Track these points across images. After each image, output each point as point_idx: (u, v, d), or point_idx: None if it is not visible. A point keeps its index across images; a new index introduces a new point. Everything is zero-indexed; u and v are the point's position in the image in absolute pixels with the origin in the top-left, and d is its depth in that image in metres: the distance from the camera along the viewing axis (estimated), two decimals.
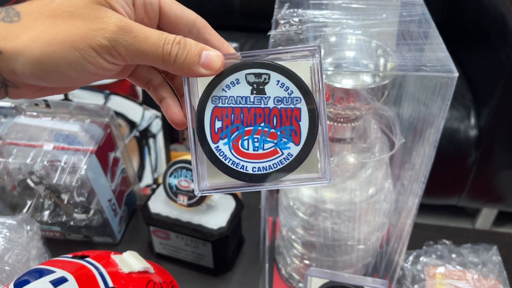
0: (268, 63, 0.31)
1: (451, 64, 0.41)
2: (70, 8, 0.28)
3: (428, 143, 0.49)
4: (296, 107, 0.31)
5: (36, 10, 0.29)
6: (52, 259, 0.49)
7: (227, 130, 0.32)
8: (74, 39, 0.28)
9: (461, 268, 0.63)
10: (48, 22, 0.28)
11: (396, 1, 0.51)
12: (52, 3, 0.29)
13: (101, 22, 0.28)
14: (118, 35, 0.28)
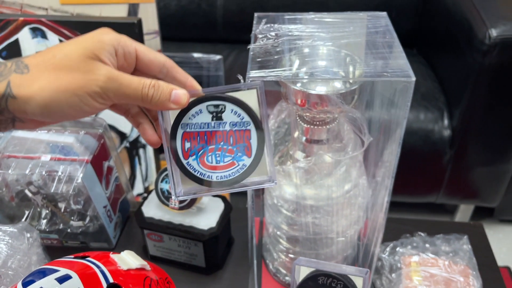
0: (224, 97, 0.40)
1: (409, 70, 0.46)
2: (69, 63, 0.36)
3: (395, 142, 0.54)
4: (246, 128, 0.40)
5: (41, 63, 0.36)
6: (55, 260, 0.53)
7: (195, 149, 0.41)
8: (74, 88, 0.36)
9: (433, 256, 0.68)
10: (53, 74, 0.36)
11: (363, 15, 0.56)
12: (54, 58, 0.36)
13: (94, 74, 0.36)
14: (107, 84, 0.36)
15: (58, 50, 0.37)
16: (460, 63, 1.15)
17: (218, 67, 0.90)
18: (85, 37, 0.38)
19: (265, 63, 0.48)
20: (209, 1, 1.50)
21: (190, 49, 1.50)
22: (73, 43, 0.37)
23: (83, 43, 0.37)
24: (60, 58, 0.36)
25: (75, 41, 0.38)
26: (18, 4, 0.90)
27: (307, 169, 0.55)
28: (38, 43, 0.82)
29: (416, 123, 1.20)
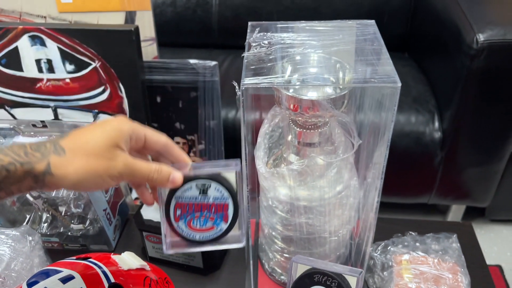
0: (210, 176, 0.50)
1: (396, 76, 0.49)
2: (97, 150, 0.45)
3: (384, 144, 0.57)
4: (225, 202, 0.51)
5: (75, 148, 0.44)
6: (58, 262, 0.55)
7: (183, 216, 0.52)
8: (100, 171, 0.45)
9: (423, 254, 0.71)
10: (84, 159, 0.44)
11: (352, 23, 0.59)
12: (86, 144, 0.45)
13: (114, 161, 0.45)
14: (124, 170, 0.46)
15: (89, 136, 0.46)
16: (450, 66, 1.18)
17: (213, 73, 0.92)
18: (109, 125, 0.47)
19: (259, 70, 0.51)
20: (205, 8, 1.52)
21: (186, 54, 1.53)
22: (99, 131, 0.46)
23: (108, 132, 0.46)
24: (91, 146, 0.45)
25: (102, 129, 0.46)
26: (17, 12, 0.92)
27: (300, 171, 0.57)
28: (37, 51, 0.84)
29: (407, 125, 1.23)
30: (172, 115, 0.95)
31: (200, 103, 0.93)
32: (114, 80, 0.85)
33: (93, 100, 0.89)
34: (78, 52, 0.83)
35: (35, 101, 0.90)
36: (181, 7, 1.53)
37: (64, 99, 0.89)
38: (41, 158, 0.42)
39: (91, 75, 0.85)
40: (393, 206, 1.40)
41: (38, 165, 0.42)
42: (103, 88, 0.87)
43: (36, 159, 0.42)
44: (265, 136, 0.62)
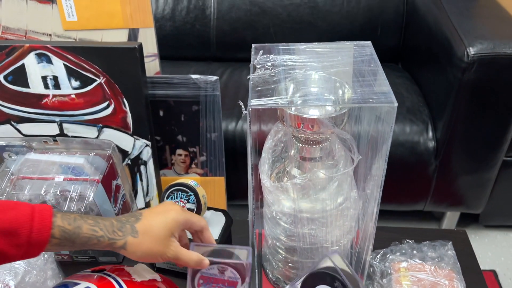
0: (227, 264, 0.63)
1: (392, 96, 0.52)
2: (158, 238, 0.58)
3: (382, 158, 0.60)
4: (237, 280, 0.64)
5: (145, 233, 0.57)
6: (74, 275, 0.57)
7: (203, 284, 0.65)
8: (157, 254, 0.58)
9: (420, 261, 0.74)
10: (149, 243, 0.57)
11: (350, 44, 0.62)
12: (152, 232, 0.58)
13: (168, 247, 0.59)
14: (173, 255, 0.59)
15: (154, 223, 0.59)
16: (442, 78, 1.22)
17: (215, 87, 0.94)
18: (170, 216, 0.60)
19: (264, 92, 0.54)
20: (203, 22, 1.56)
21: (185, 67, 1.56)
22: (163, 220, 0.59)
23: (168, 223, 0.59)
24: (156, 234, 0.58)
25: (165, 218, 0.59)
26: (23, 30, 0.94)
27: (303, 184, 0.60)
28: (43, 68, 0.86)
29: (402, 135, 1.26)
30: (175, 128, 0.97)
31: (201, 116, 0.95)
32: (118, 95, 0.87)
33: (98, 114, 0.90)
34: (84, 68, 0.85)
35: (41, 116, 0.92)
36: (180, 21, 1.56)
37: (69, 114, 0.90)
38: (122, 237, 0.56)
39: (96, 90, 0.87)
40: (389, 214, 1.43)
41: (119, 241, 0.56)
42: (107, 103, 0.89)
43: (119, 237, 0.56)
44: (269, 151, 0.65)
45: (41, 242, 0.50)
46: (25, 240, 0.49)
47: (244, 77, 1.49)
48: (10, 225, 0.49)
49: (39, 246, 0.51)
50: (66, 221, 0.53)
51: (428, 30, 1.34)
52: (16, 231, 0.49)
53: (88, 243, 0.54)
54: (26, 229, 0.49)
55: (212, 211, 0.78)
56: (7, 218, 0.49)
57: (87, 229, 0.54)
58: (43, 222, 0.50)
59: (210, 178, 1.02)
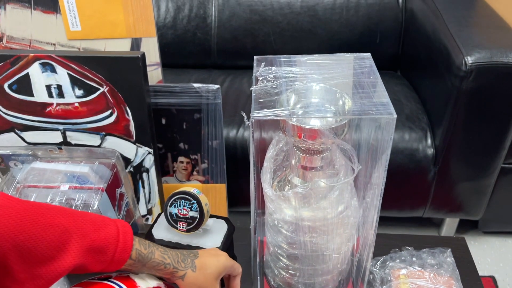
0: None
1: (391, 108, 0.54)
2: (210, 276, 0.63)
3: (381, 167, 0.61)
4: None
5: (202, 269, 0.63)
6: (81, 282, 0.58)
7: None
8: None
9: (420, 268, 0.75)
10: (203, 279, 0.63)
11: (350, 56, 0.64)
12: (206, 270, 0.63)
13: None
14: None
15: (209, 264, 0.64)
16: (441, 86, 1.24)
17: (216, 95, 0.95)
18: (221, 261, 0.65)
19: (266, 103, 0.55)
20: (204, 30, 1.57)
21: (186, 75, 1.58)
22: (215, 263, 0.65)
23: (218, 267, 0.65)
24: (208, 272, 0.64)
25: (217, 261, 0.65)
26: (27, 40, 0.96)
27: (305, 193, 0.61)
28: (47, 77, 0.88)
29: (401, 142, 1.28)
30: (177, 135, 0.98)
31: (203, 124, 0.96)
32: (121, 103, 0.89)
33: (101, 123, 0.92)
34: (87, 77, 0.86)
35: (45, 124, 0.93)
36: (181, 29, 1.58)
37: (73, 122, 0.92)
38: (184, 268, 0.62)
39: (99, 99, 0.88)
40: (389, 220, 1.44)
41: (181, 271, 0.62)
42: (110, 112, 0.90)
43: (182, 268, 0.62)
44: (271, 160, 0.66)
45: (121, 261, 0.56)
46: (110, 258, 0.54)
47: (245, 84, 1.51)
48: (100, 245, 0.53)
49: (118, 264, 0.56)
50: (142, 246, 0.59)
51: (426, 39, 1.36)
52: (104, 249, 0.54)
53: (156, 268, 0.60)
54: (113, 248, 0.54)
55: (214, 218, 0.80)
56: (98, 237, 0.53)
57: (158, 255, 0.60)
58: (126, 243, 0.56)
59: (211, 185, 1.03)
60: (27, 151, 0.75)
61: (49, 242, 0.49)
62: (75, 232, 0.51)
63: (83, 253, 0.51)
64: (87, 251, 0.52)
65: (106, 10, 0.89)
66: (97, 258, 0.53)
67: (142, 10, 0.90)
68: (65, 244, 0.50)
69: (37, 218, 0.49)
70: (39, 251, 0.48)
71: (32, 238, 0.48)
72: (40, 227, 0.49)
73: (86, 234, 0.52)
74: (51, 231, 0.50)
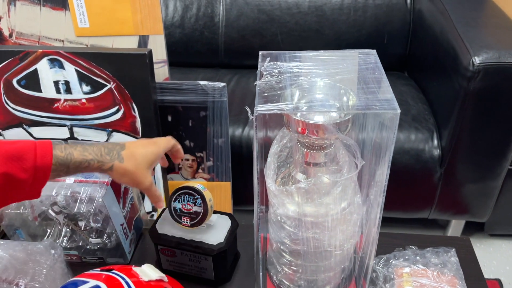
0: None
1: (395, 103, 0.54)
2: (140, 166, 0.66)
3: (385, 164, 0.61)
4: None
5: (129, 159, 0.65)
6: (83, 273, 0.59)
7: None
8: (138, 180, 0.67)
9: (423, 267, 0.75)
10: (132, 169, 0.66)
11: (355, 52, 0.64)
12: (136, 160, 0.66)
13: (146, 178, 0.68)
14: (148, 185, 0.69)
15: (138, 153, 0.67)
16: (448, 87, 1.23)
17: (222, 93, 0.96)
18: (149, 150, 0.69)
19: (270, 98, 0.55)
20: (212, 29, 1.58)
21: (193, 74, 1.58)
22: (145, 151, 0.67)
23: (148, 156, 0.68)
24: (138, 162, 0.66)
25: (145, 151, 0.67)
26: (36, 36, 0.97)
27: (308, 189, 0.61)
28: (55, 73, 0.89)
29: (407, 143, 1.27)
30: (182, 133, 0.99)
31: (209, 122, 0.97)
32: (128, 100, 0.89)
33: (108, 119, 0.92)
34: (95, 74, 0.87)
35: (52, 120, 0.94)
36: (189, 28, 1.59)
37: (80, 118, 0.93)
38: (110, 161, 0.64)
39: (106, 95, 0.89)
40: (394, 221, 1.44)
41: (107, 164, 0.64)
42: (117, 108, 0.91)
43: (107, 161, 0.64)
44: (274, 156, 0.66)
45: (45, 167, 0.58)
46: (32, 164, 0.57)
47: (251, 83, 1.51)
48: (18, 151, 0.57)
49: (44, 171, 0.58)
50: (58, 150, 0.60)
51: (434, 39, 1.35)
52: (23, 156, 0.57)
53: (80, 167, 0.62)
54: (32, 154, 0.57)
55: (218, 214, 0.80)
56: (14, 147, 0.57)
57: (77, 154, 0.62)
58: (44, 149, 0.59)
59: (216, 183, 1.03)
60: None
61: None
62: None
63: (2, 159, 0.55)
64: (6, 158, 0.56)
65: (114, 7, 0.90)
66: (18, 165, 0.56)
67: (149, 8, 0.90)
68: None
69: None
70: None
71: None
72: None
73: (1, 144, 0.57)
74: None
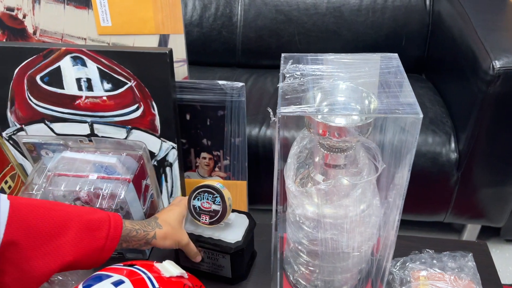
0: None
1: (417, 108, 0.54)
2: (176, 227, 0.75)
3: (405, 167, 0.61)
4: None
5: (166, 224, 0.74)
6: (107, 267, 0.60)
7: None
8: (178, 240, 0.74)
9: (440, 271, 0.75)
10: (172, 232, 0.74)
11: (376, 56, 0.64)
12: (170, 223, 0.74)
13: (183, 236, 0.75)
14: (186, 242, 0.76)
15: (169, 218, 0.75)
16: (466, 90, 1.22)
17: (240, 93, 0.97)
18: (176, 211, 0.77)
19: (293, 100, 0.56)
20: (229, 29, 1.59)
21: (210, 73, 1.60)
22: (173, 216, 0.76)
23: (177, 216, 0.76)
24: (173, 224, 0.75)
25: (173, 214, 0.76)
26: (59, 34, 0.99)
27: (328, 190, 0.62)
28: (78, 70, 0.90)
29: (424, 146, 1.27)
30: (200, 131, 1.00)
31: (226, 121, 0.98)
32: (147, 98, 0.91)
33: (127, 116, 0.94)
34: (116, 72, 0.88)
35: (74, 116, 0.96)
36: (207, 28, 1.60)
37: (100, 115, 0.94)
38: (152, 229, 0.72)
39: (126, 93, 0.91)
40: (409, 223, 1.43)
41: (150, 233, 0.71)
42: (137, 106, 0.92)
43: (149, 230, 0.71)
44: (294, 157, 0.67)
45: (115, 237, 0.66)
46: (105, 234, 0.64)
47: (268, 83, 1.52)
48: (96, 222, 0.64)
49: (113, 241, 0.66)
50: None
51: (453, 42, 1.34)
52: (99, 226, 0.65)
53: (130, 235, 0.69)
54: (107, 225, 0.65)
55: (236, 213, 0.81)
56: (94, 218, 0.65)
57: (128, 223, 0.69)
58: (117, 222, 0.67)
59: (232, 181, 1.04)
60: (58, 140, 0.78)
61: (54, 220, 0.61)
62: (74, 214, 0.63)
63: (82, 229, 0.62)
64: (85, 228, 0.63)
65: (136, 6, 0.91)
66: (94, 234, 0.63)
67: (171, 8, 0.91)
68: (67, 222, 0.62)
69: (43, 203, 0.63)
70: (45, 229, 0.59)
71: (39, 218, 0.59)
72: (46, 210, 0.61)
73: (82, 215, 0.64)
74: (54, 213, 0.61)
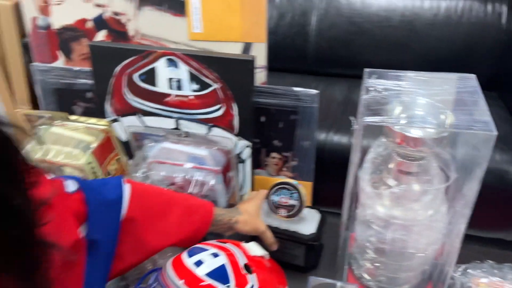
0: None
1: (492, 126, 0.59)
2: (254, 215, 0.83)
3: (475, 180, 0.66)
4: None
5: (245, 212, 0.82)
6: (203, 242, 0.71)
7: None
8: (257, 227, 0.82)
9: (501, 279, 0.78)
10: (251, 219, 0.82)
11: (453, 76, 0.70)
12: (249, 212, 0.82)
13: (261, 223, 0.83)
14: (264, 229, 0.83)
15: (248, 208, 0.83)
16: None
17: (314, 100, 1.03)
18: (253, 202, 0.85)
19: (375, 111, 0.63)
20: (303, 37, 1.67)
21: (282, 78, 1.68)
22: (251, 205, 0.84)
23: (255, 206, 0.84)
24: (251, 213, 0.83)
25: (251, 204, 0.84)
26: (156, 37, 1.10)
27: (400, 194, 0.68)
28: (171, 71, 1.00)
29: (491, 162, 1.25)
30: (272, 133, 1.06)
31: (298, 125, 1.04)
32: (230, 100, 0.99)
33: (210, 115, 1.02)
34: (204, 74, 0.97)
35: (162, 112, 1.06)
36: (281, 35, 1.69)
37: (186, 112, 1.03)
38: (234, 216, 0.80)
39: (211, 94, 0.99)
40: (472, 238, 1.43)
41: (233, 218, 0.80)
42: (219, 106, 1.00)
43: (233, 216, 0.80)
44: (370, 162, 0.74)
45: (208, 221, 0.76)
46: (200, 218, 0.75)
47: (337, 92, 1.58)
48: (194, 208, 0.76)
49: (207, 224, 0.76)
50: None
51: None
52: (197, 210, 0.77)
53: (217, 219, 0.77)
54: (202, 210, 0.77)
55: (308, 209, 0.89)
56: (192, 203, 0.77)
57: (216, 209, 0.78)
58: (209, 207, 0.78)
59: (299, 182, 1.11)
60: (159, 132, 0.89)
61: (164, 203, 0.73)
62: (178, 199, 0.75)
63: (184, 212, 0.73)
64: (186, 211, 0.74)
65: (226, 15, 0.98)
66: (192, 217, 0.74)
67: (257, 16, 0.98)
68: (173, 206, 0.73)
69: (153, 188, 0.78)
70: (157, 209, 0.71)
71: (153, 200, 0.72)
72: (157, 193, 0.74)
73: (184, 200, 0.76)
74: (164, 197, 0.74)
